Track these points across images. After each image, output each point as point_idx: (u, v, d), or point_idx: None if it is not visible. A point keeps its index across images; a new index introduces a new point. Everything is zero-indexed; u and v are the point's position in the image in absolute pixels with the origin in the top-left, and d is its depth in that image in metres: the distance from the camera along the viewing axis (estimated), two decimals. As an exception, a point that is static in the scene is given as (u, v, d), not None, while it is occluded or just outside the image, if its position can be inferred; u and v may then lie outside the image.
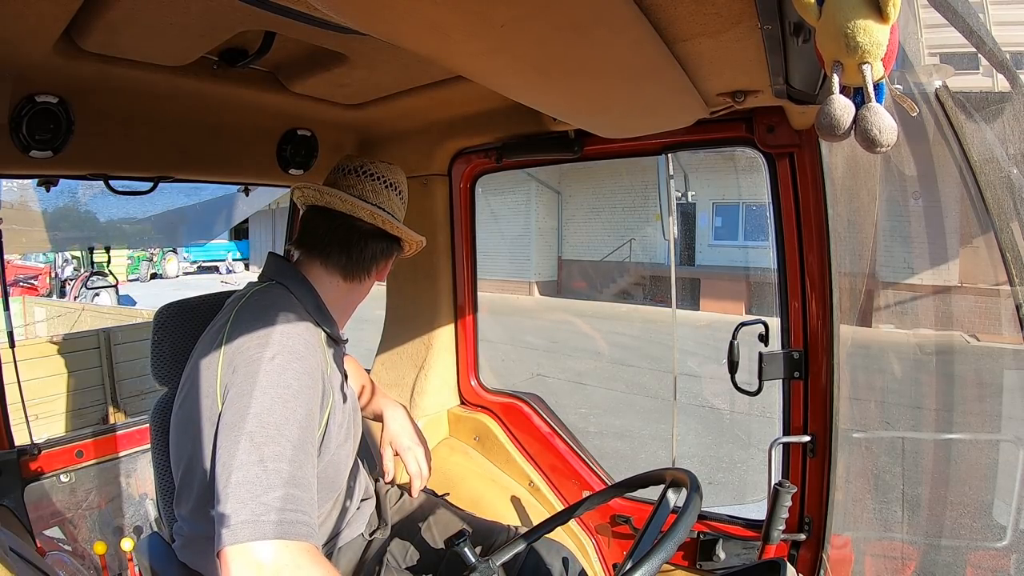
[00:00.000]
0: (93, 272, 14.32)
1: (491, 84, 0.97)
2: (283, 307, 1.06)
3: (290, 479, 0.85)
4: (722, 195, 14.03)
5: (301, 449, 0.89)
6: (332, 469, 1.14)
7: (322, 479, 1.09)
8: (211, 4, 1.01)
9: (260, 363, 0.93)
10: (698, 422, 6.46)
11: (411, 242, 1.24)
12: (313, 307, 1.13)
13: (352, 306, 1.23)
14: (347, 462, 1.21)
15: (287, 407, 0.90)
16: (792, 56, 0.87)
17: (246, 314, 1.04)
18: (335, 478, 1.18)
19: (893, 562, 1.73)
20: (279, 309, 1.04)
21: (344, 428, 1.16)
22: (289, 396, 0.92)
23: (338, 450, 1.14)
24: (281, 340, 0.97)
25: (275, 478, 0.84)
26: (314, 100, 1.61)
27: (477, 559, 1.16)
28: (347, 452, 1.20)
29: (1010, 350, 2.32)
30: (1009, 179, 1.34)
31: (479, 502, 1.72)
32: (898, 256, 5.59)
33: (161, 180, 1.60)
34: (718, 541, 1.56)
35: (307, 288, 1.14)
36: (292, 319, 1.03)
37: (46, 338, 5.10)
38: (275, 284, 1.14)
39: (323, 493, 1.12)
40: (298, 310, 1.09)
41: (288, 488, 0.84)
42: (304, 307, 1.11)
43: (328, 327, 1.15)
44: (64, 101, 1.30)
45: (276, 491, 0.83)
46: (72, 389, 4.64)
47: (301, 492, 0.86)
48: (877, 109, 0.55)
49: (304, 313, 1.10)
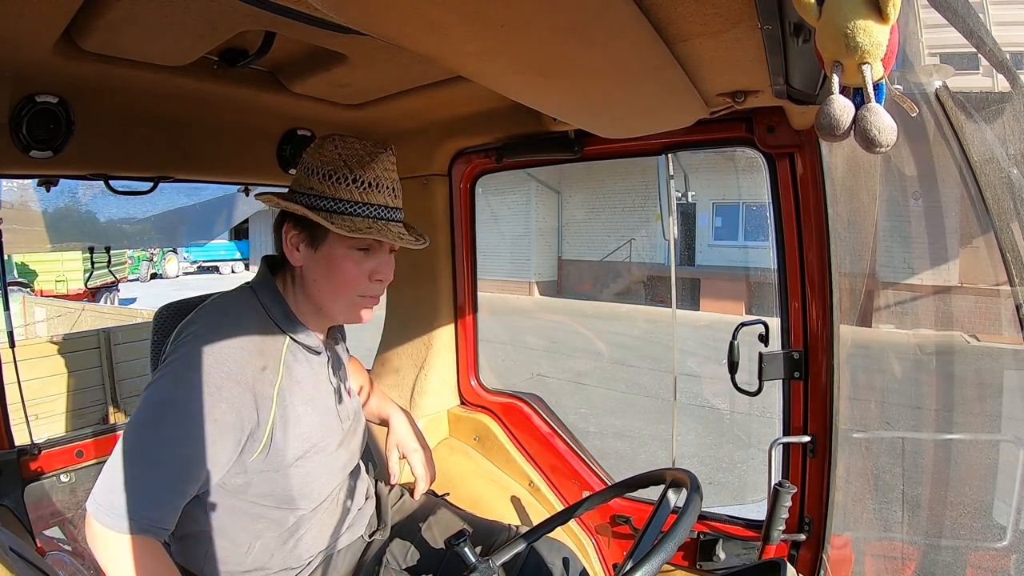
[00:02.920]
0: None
1: (491, 84, 0.97)
2: (228, 316, 1.09)
3: (145, 482, 0.97)
4: (722, 195, 14.02)
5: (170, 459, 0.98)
6: (298, 480, 1.11)
7: (283, 489, 1.10)
8: (211, 4, 1.01)
9: (166, 369, 1.02)
10: (698, 422, 6.46)
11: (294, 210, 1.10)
12: (280, 314, 1.13)
13: (317, 303, 1.14)
14: (327, 471, 1.18)
15: (160, 423, 0.99)
16: (792, 56, 0.87)
17: (195, 318, 1.08)
18: (305, 489, 1.14)
19: (893, 562, 1.73)
20: (220, 317, 1.08)
21: (315, 438, 1.14)
22: (177, 417, 0.99)
23: (303, 462, 1.11)
24: (192, 356, 1.01)
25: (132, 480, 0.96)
26: (314, 100, 1.61)
27: (477, 559, 1.15)
28: (323, 461, 1.16)
29: (1010, 350, 2.32)
30: (1009, 179, 1.34)
31: (479, 502, 1.72)
32: (898, 256, 5.59)
33: (161, 180, 1.60)
34: (718, 541, 1.56)
35: (274, 296, 1.14)
36: (229, 329, 1.06)
37: (46, 338, 5.10)
38: (247, 289, 1.16)
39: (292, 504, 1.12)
40: (253, 318, 1.10)
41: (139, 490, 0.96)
42: (268, 314, 1.12)
43: (298, 334, 1.14)
44: (64, 101, 1.30)
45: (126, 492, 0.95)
46: (72, 389, 4.63)
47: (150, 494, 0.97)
48: (877, 109, 0.55)
49: (264, 321, 1.11)
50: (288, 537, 1.17)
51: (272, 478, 1.09)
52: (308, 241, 1.11)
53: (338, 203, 1.09)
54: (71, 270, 12.98)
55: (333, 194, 1.09)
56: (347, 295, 1.13)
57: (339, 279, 1.11)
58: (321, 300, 1.14)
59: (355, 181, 1.09)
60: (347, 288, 1.13)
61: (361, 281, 1.13)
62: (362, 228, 1.08)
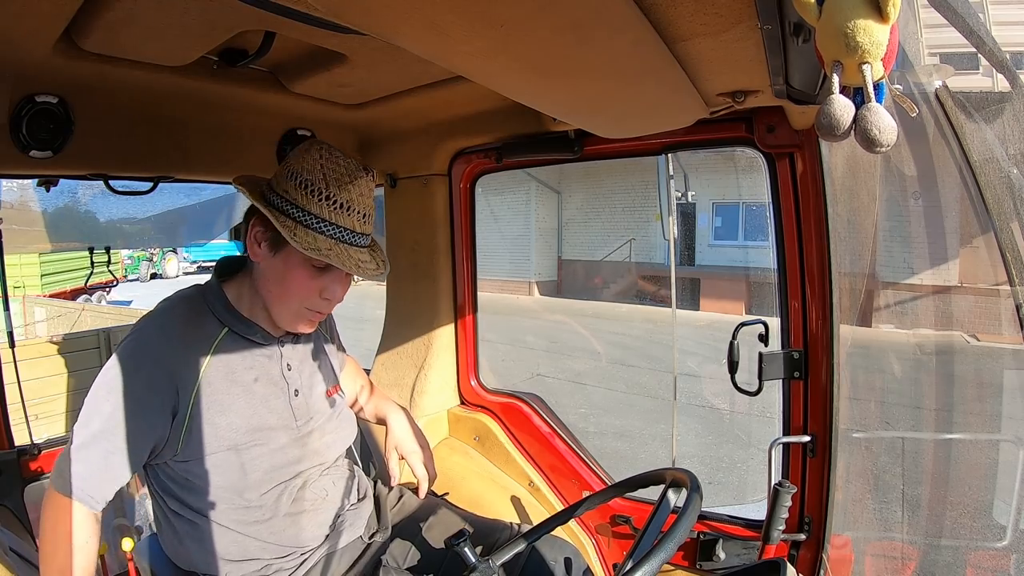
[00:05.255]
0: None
1: (491, 84, 0.97)
2: (166, 312, 1.16)
3: (83, 456, 1.05)
4: (722, 195, 14.02)
5: (102, 435, 1.06)
6: (233, 470, 1.12)
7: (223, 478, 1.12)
8: (211, 4, 1.01)
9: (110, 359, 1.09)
10: (698, 422, 6.46)
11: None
12: (220, 307, 1.18)
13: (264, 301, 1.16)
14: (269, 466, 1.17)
15: (99, 402, 1.07)
16: (792, 56, 0.87)
17: (141, 317, 1.16)
18: (243, 480, 1.13)
19: (893, 562, 1.73)
20: (157, 313, 1.16)
21: (245, 428, 1.14)
22: (102, 395, 1.07)
23: (236, 451, 1.12)
24: (123, 344, 1.10)
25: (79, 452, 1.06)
26: (314, 100, 1.61)
27: (478, 559, 1.15)
28: (262, 454, 1.15)
29: (1010, 350, 2.32)
30: (1009, 179, 1.34)
31: (479, 502, 1.71)
32: (898, 256, 5.58)
33: (161, 180, 1.60)
34: (718, 541, 1.56)
35: (216, 291, 1.19)
36: (162, 318, 1.14)
37: (46, 338, 5.10)
38: (197, 287, 1.22)
39: (232, 493, 1.13)
40: (192, 309, 1.16)
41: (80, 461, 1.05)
42: (208, 307, 1.17)
43: (237, 326, 1.17)
44: (64, 101, 1.31)
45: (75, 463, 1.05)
46: (72, 389, 4.63)
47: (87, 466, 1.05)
48: (877, 109, 0.55)
49: (202, 311, 1.17)
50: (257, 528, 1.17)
51: (205, 464, 1.11)
52: (270, 242, 1.13)
53: (306, 215, 1.09)
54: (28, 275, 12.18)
55: (304, 205, 1.09)
56: (292, 305, 1.15)
57: (289, 288, 1.13)
58: (268, 300, 1.17)
59: (328, 199, 1.10)
60: (293, 298, 1.14)
61: (310, 295, 1.14)
62: (322, 248, 1.08)
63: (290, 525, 1.21)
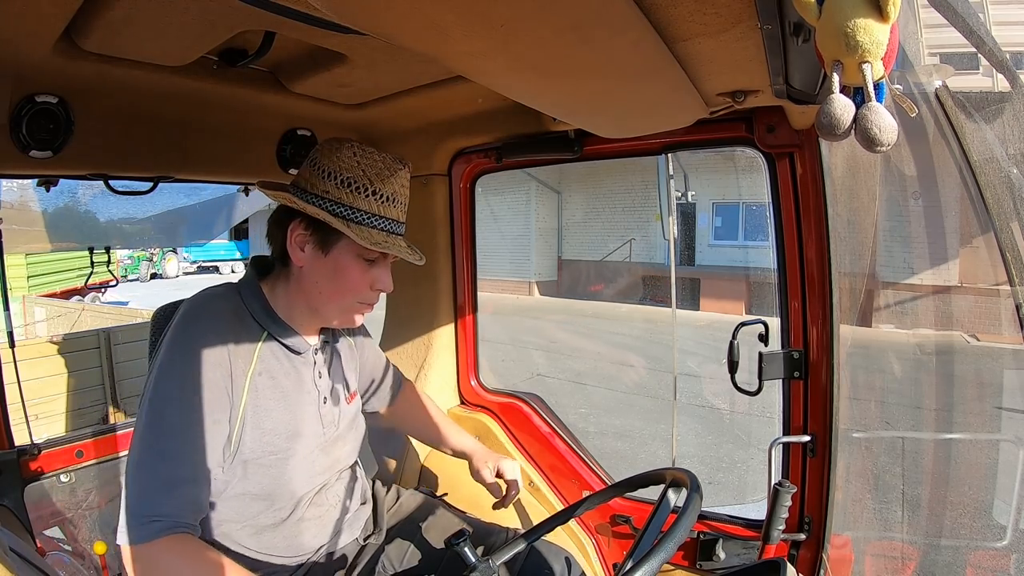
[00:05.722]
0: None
1: (491, 84, 0.97)
2: (209, 311, 1.11)
3: (167, 479, 0.99)
4: (722, 195, 14.02)
5: (183, 449, 1.01)
6: (266, 478, 1.12)
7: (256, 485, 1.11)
8: (211, 4, 1.01)
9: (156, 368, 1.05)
10: (698, 422, 6.46)
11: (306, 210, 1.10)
12: (260, 310, 1.15)
13: (314, 303, 1.16)
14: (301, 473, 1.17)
15: (165, 412, 1.02)
16: (792, 56, 0.87)
17: (180, 316, 1.11)
18: (276, 489, 1.13)
19: (893, 562, 1.73)
20: (201, 312, 1.11)
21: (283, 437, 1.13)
22: (166, 407, 1.02)
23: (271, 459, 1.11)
24: (174, 346, 1.05)
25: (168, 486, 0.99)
26: (314, 100, 1.61)
27: (477, 559, 1.15)
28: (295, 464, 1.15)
29: (1010, 350, 2.32)
30: (1009, 179, 1.34)
31: (478, 502, 1.71)
32: (898, 256, 5.59)
33: (161, 180, 1.60)
34: (718, 541, 1.56)
35: (256, 294, 1.17)
36: (207, 320, 1.09)
37: (46, 338, 5.10)
38: (231, 286, 1.18)
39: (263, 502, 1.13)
40: (232, 311, 1.13)
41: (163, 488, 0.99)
42: (248, 309, 1.15)
43: (277, 332, 1.15)
44: (64, 101, 1.30)
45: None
46: (72, 389, 4.63)
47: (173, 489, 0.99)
48: (877, 108, 0.55)
49: (243, 314, 1.14)
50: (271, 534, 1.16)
51: (240, 471, 1.09)
52: (317, 244, 1.13)
53: (357, 212, 1.11)
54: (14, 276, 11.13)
55: (351, 203, 1.11)
56: (347, 300, 1.16)
57: (343, 284, 1.14)
58: (319, 301, 1.16)
59: (375, 193, 1.12)
60: (349, 294, 1.15)
61: (363, 289, 1.16)
62: (379, 241, 1.11)
63: (302, 531, 1.21)
